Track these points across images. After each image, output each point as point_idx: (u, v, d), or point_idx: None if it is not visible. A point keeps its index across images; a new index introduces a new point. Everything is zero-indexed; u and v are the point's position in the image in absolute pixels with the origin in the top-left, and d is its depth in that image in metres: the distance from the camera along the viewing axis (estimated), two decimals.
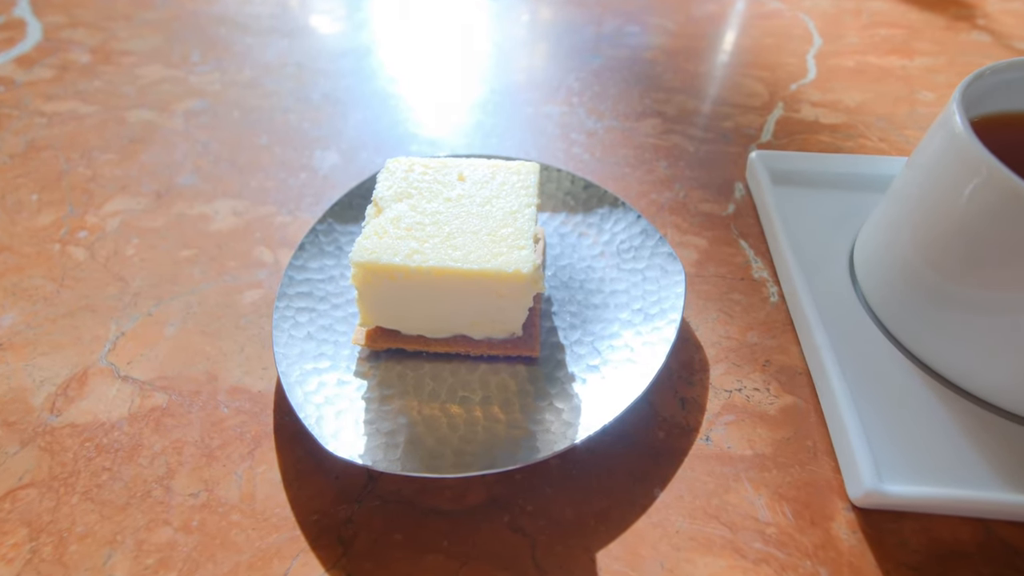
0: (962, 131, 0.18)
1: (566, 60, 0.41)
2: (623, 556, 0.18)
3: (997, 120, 0.20)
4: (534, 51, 0.42)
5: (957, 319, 0.20)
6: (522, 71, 0.40)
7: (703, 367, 0.22)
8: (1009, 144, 0.19)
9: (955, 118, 0.18)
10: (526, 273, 0.19)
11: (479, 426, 0.20)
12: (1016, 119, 0.20)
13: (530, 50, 0.43)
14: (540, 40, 0.44)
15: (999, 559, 0.17)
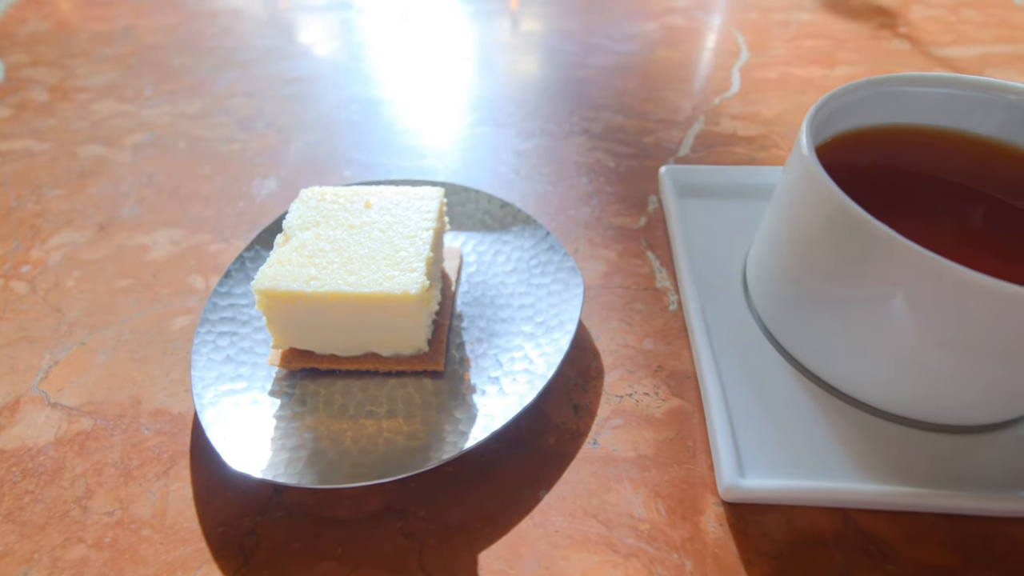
0: (807, 154, 0.19)
1: (502, 82, 0.43)
2: (504, 556, 0.19)
3: (848, 136, 0.21)
4: (472, 75, 0.44)
5: (821, 320, 0.21)
6: (459, 94, 0.42)
7: (598, 374, 0.24)
8: (851, 161, 0.21)
9: (802, 140, 0.20)
10: (414, 294, 0.21)
11: (381, 438, 0.22)
12: (862, 134, 0.21)
13: (468, 74, 0.44)
14: (477, 64, 0.46)
15: (853, 545, 0.19)
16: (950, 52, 0.43)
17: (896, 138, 0.22)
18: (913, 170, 0.21)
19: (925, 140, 0.22)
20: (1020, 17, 0.47)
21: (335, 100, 0.41)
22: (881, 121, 0.21)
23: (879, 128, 0.21)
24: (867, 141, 0.21)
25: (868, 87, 0.21)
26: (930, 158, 0.22)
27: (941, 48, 0.44)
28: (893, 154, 0.22)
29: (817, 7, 0.51)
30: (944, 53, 0.43)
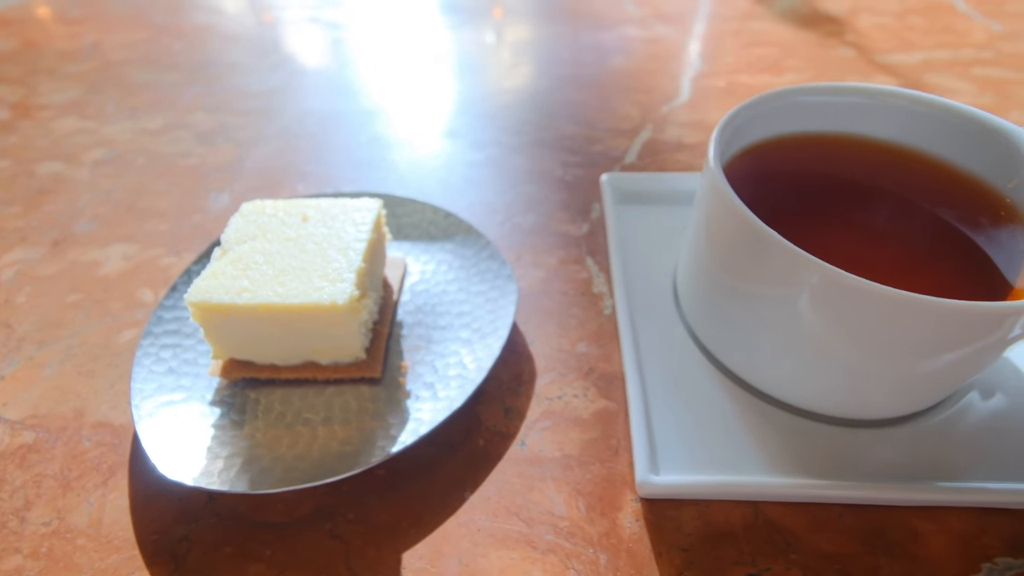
0: (713, 166, 0.20)
1: (459, 95, 0.44)
2: (427, 555, 0.20)
3: (758, 146, 0.22)
4: (430, 88, 0.45)
5: (735, 321, 0.22)
6: (416, 107, 0.43)
7: (531, 378, 0.25)
8: (760, 170, 0.22)
9: (709, 153, 0.21)
10: (342, 305, 0.21)
11: (315, 444, 0.22)
12: (771, 144, 0.22)
13: (426, 87, 0.45)
14: (435, 78, 0.47)
15: (761, 537, 0.20)
16: (893, 59, 0.45)
17: (804, 145, 0.23)
18: (819, 176, 0.22)
19: (830, 146, 0.23)
20: (963, 23, 0.49)
21: (295, 114, 0.42)
22: (789, 130, 0.22)
23: (787, 137, 0.23)
24: (776, 150, 0.22)
25: (773, 100, 0.22)
26: (835, 163, 0.23)
27: (884, 55, 0.45)
28: (801, 161, 0.23)
29: (769, 16, 0.52)
30: (887, 60, 0.44)
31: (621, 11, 0.55)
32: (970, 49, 0.45)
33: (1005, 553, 0.19)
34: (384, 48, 0.50)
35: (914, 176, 0.22)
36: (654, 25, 0.51)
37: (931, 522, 0.20)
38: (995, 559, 0.19)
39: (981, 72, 0.43)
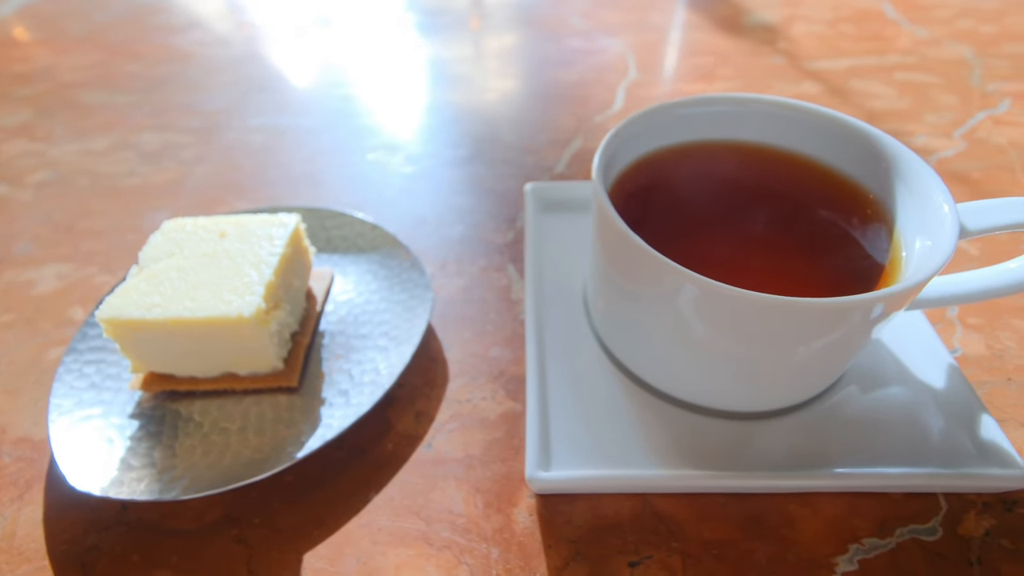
0: (595, 180, 0.21)
1: (400, 110, 0.45)
2: (327, 555, 0.20)
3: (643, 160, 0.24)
4: (372, 103, 0.46)
5: (628, 320, 0.23)
6: (358, 121, 0.44)
7: (443, 382, 0.26)
8: (644, 183, 0.23)
9: (593, 169, 0.22)
10: (248, 317, 0.22)
11: (228, 453, 0.23)
12: (655, 157, 0.24)
13: (368, 102, 0.46)
14: (378, 93, 0.48)
15: (647, 527, 0.21)
16: (820, 65, 0.46)
17: (686, 155, 0.24)
18: (702, 182, 0.24)
19: (710, 154, 0.24)
20: (892, 30, 0.51)
21: (241, 132, 0.43)
22: (672, 142, 0.24)
23: (670, 148, 0.24)
24: (660, 162, 0.24)
25: (654, 115, 0.23)
26: (716, 169, 0.24)
27: (814, 61, 0.47)
28: (684, 170, 0.24)
29: (709, 26, 0.54)
30: (815, 66, 0.46)
31: (566, 24, 0.56)
32: (895, 55, 0.47)
33: (872, 534, 0.20)
34: (328, 67, 0.52)
35: (788, 177, 0.24)
36: (597, 37, 0.53)
37: (806, 507, 0.21)
38: (862, 540, 0.20)
39: (903, 77, 0.44)
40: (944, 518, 0.21)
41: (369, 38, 0.56)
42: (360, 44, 0.55)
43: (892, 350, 0.25)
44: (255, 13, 0.63)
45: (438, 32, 0.57)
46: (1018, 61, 0.45)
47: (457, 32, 0.57)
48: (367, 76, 0.50)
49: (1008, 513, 0.21)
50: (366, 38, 0.56)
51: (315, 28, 0.59)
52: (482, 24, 0.58)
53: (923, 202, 0.21)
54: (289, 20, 0.61)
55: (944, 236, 0.19)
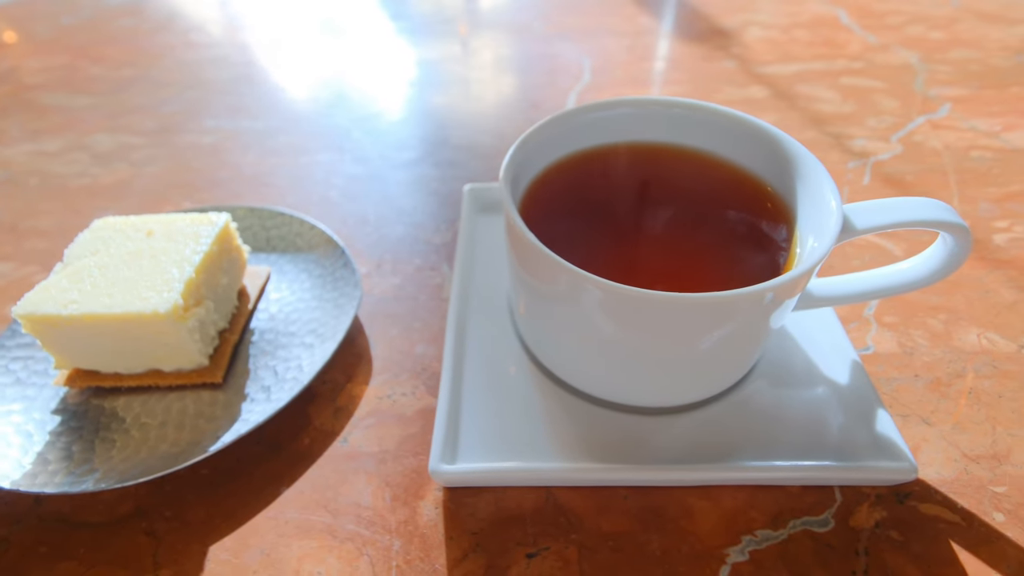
0: (501, 186, 0.21)
1: (352, 112, 0.46)
2: (232, 547, 0.21)
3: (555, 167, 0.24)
4: (324, 105, 0.47)
5: (540, 318, 0.23)
6: (309, 123, 0.44)
7: (366, 378, 0.26)
8: (554, 189, 0.24)
9: (501, 178, 0.22)
10: (163, 313, 0.23)
11: (145, 447, 0.23)
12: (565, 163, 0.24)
13: (320, 104, 0.47)
14: (330, 94, 0.48)
15: (547, 520, 0.21)
16: (770, 70, 0.47)
17: (596, 158, 0.24)
18: (611, 183, 0.24)
19: (618, 155, 0.25)
20: (843, 36, 0.52)
21: (194, 134, 0.43)
22: (581, 147, 0.24)
23: (580, 153, 0.24)
24: (570, 167, 0.24)
25: (560, 122, 0.23)
26: (625, 170, 0.25)
27: (763, 66, 0.48)
28: (595, 173, 0.24)
29: (667, 32, 0.55)
30: (764, 71, 0.47)
31: (527, 29, 0.57)
32: (843, 60, 0.48)
33: (766, 526, 0.21)
34: (286, 72, 0.52)
35: (696, 176, 0.24)
36: (556, 42, 0.54)
37: (706, 500, 0.21)
38: (756, 531, 0.21)
39: (849, 82, 0.45)
40: (837, 510, 0.21)
41: (326, 44, 0.57)
42: (317, 50, 0.56)
43: (802, 347, 0.25)
44: (220, 19, 0.63)
45: (396, 37, 0.57)
46: (962, 66, 0.46)
47: (416, 37, 0.57)
48: (322, 81, 0.50)
49: (900, 506, 0.21)
50: (323, 44, 0.57)
51: (276, 34, 0.59)
52: (438, 30, 0.58)
53: (817, 201, 0.21)
54: (253, 26, 0.61)
55: (826, 236, 0.19)
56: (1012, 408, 0.24)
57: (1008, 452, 0.23)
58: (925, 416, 0.24)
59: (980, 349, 0.26)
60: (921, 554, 0.20)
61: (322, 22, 0.61)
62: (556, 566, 0.20)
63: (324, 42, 0.57)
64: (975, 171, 0.36)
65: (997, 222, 0.33)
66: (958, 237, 0.21)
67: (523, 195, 0.23)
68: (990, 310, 0.28)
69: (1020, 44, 0.49)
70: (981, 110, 0.42)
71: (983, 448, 0.23)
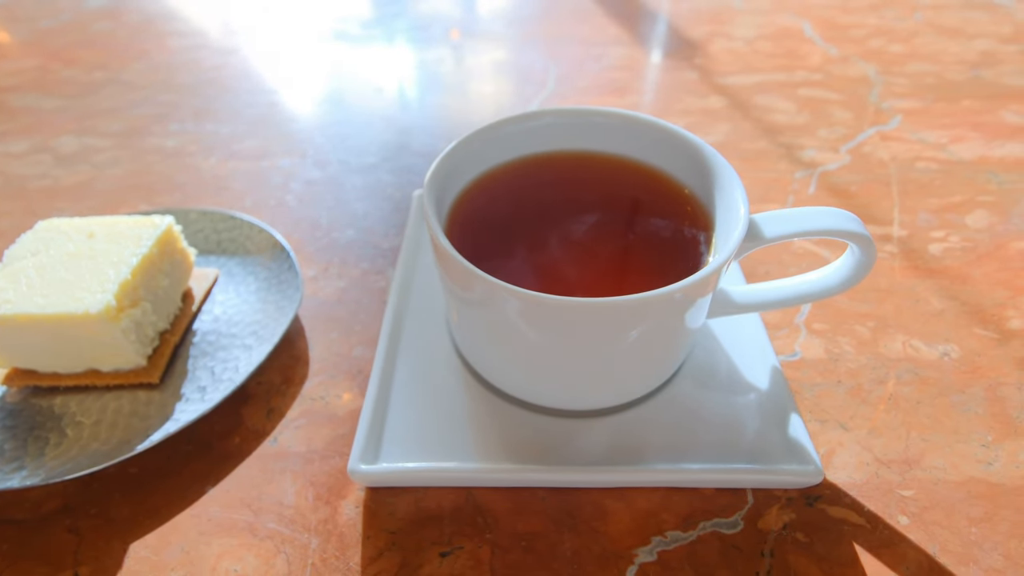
0: (426, 200, 0.22)
1: (314, 118, 0.46)
2: (154, 544, 0.21)
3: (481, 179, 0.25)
4: (288, 112, 0.47)
5: (468, 324, 0.24)
6: (271, 130, 0.45)
7: (301, 380, 0.26)
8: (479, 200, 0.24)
9: (423, 187, 0.22)
10: (95, 314, 0.23)
11: (77, 445, 0.24)
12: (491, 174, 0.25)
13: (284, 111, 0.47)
14: (298, 99, 0.49)
15: (465, 519, 0.21)
16: (731, 80, 0.48)
17: (521, 169, 0.25)
18: (536, 192, 0.25)
19: (544, 165, 0.25)
20: (806, 48, 0.53)
21: (159, 137, 0.44)
22: (509, 157, 0.25)
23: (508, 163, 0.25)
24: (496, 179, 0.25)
25: (485, 134, 0.24)
26: (550, 179, 0.25)
27: (725, 77, 0.49)
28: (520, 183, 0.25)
29: (632, 41, 0.56)
30: (725, 81, 0.48)
31: (496, 37, 0.58)
32: (803, 71, 0.49)
33: (676, 527, 0.21)
34: (254, 77, 0.53)
35: (620, 182, 0.25)
36: (524, 51, 0.54)
37: (621, 502, 0.22)
38: (666, 532, 0.21)
39: (806, 93, 0.46)
40: (747, 512, 0.22)
41: (293, 51, 0.57)
42: (285, 56, 0.56)
43: (727, 353, 0.26)
44: (194, 24, 0.64)
45: (362, 45, 0.58)
46: (917, 79, 0.47)
47: (378, 43, 0.58)
48: (289, 86, 0.51)
49: (809, 508, 0.22)
50: (291, 51, 0.57)
51: (245, 40, 0.60)
52: (408, 37, 0.59)
53: (731, 209, 0.22)
54: (227, 32, 0.62)
55: (731, 241, 0.20)
56: (928, 414, 0.25)
57: (920, 457, 0.23)
58: (843, 421, 0.25)
59: (904, 356, 0.27)
60: (824, 555, 0.20)
61: (293, 31, 0.61)
62: (468, 565, 0.20)
63: (293, 50, 0.57)
64: (918, 182, 0.37)
65: (934, 232, 0.33)
66: (863, 247, 0.21)
67: (449, 207, 0.24)
68: (918, 318, 0.29)
69: (976, 58, 0.50)
70: (931, 122, 0.42)
71: (896, 453, 0.23)
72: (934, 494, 0.22)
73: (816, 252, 0.32)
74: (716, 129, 0.42)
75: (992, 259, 0.31)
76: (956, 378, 0.26)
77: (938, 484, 0.22)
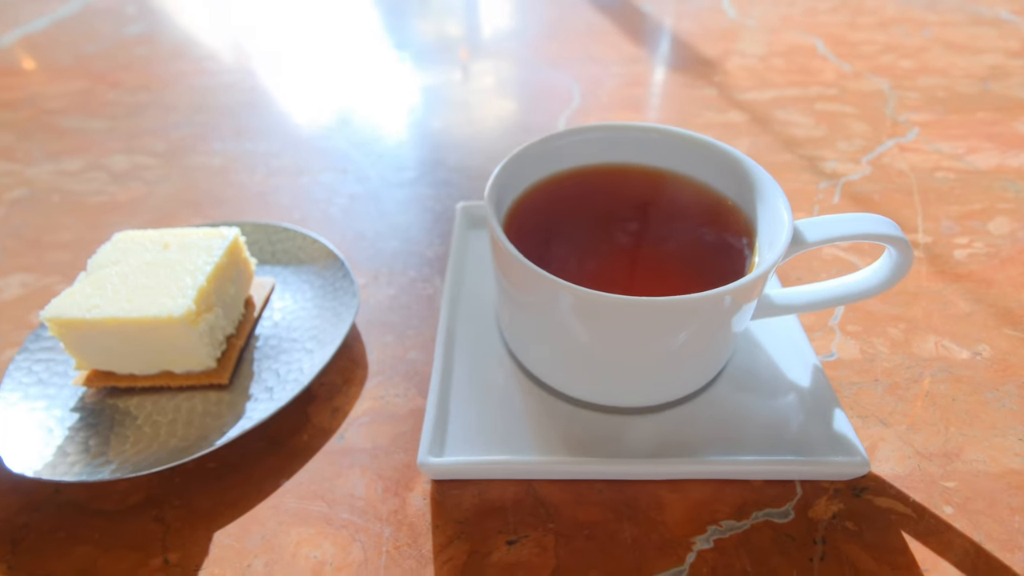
0: (488, 204, 0.24)
1: (354, 135, 0.48)
2: (235, 533, 0.22)
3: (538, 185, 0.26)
4: (328, 128, 0.50)
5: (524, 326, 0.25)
6: (312, 146, 0.47)
7: (362, 381, 0.28)
8: (536, 204, 0.26)
9: (486, 196, 0.24)
10: (178, 317, 0.25)
11: (156, 442, 0.25)
12: (548, 182, 0.27)
13: (324, 128, 0.50)
14: (333, 118, 0.51)
15: (527, 510, 0.23)
16: (749, 96, 0.50)
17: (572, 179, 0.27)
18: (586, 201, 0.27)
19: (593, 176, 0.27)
20: (819, 64, 0.55)
21: (203, 156, 0.46)
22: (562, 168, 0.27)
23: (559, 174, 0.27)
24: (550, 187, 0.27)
25: (540, 146, 0.26)
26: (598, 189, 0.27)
27: (743, 92, 0.50)
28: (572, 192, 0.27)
29: (648, 59, 0.58)
30: (744, 97, 0.50)
31: (517, 56, 0.60)
32: (818, 87, 0.51)
33: (730, 517, 0.22)
34: (288, 97, 0.55)
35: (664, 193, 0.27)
36: (546, 69, 0.57)
37: (676, 493, 0.23)
38: (720, 522, 0.22)
39: (822, 107, 0.48)
40: (797, 503, 0.23)
41: (326, 71, 0.60)
42: (318, 76, 0.59)
43: (768, 353, 0.27)
44: (228, 48, 0.67)
45: (391, 65, 0.61)
46: (929, 92, 0.49)
47: (414, 65, 0.60)
48: (324, 105, 0.53)
49: (856, 499, 0.23)
50: (323, 71, 0.60)
51: (279, 62, 0.62)
52: (436, 57, 0.62)
53: (772, 217, 0.23)
54: (260, 54, 0.65)
55: (777, 246, 0.21)
56: (964, 410, 0.26)
57: (959, 450, 0.24)
58: (883, 417, 0.26)
59: (937, 356, 0.28)
60: (874, 543, 0.22)
61: (326, 51, 0.64)
62: (534, 552, 0.21)
63: (327, 70, 0.60)
64: (938, 191, 0.38)
65: (958, 239, 0.35)
66: (900, 249, 0.23)
67: (506, 212, 0.26)
68: (948, 320, 0.30)
69: (985, 72, 0.52)
70: (947, 134, 0.44)
71: (936, 447, 0.24)
72: (975, 485, 0.23)
73: (845, 259, 0.34)
74: (737, 143, 0.44)
75: (1016, 263, 0.33)
76: (989, 376, 0.27)
77: (979, 476, 0.23)
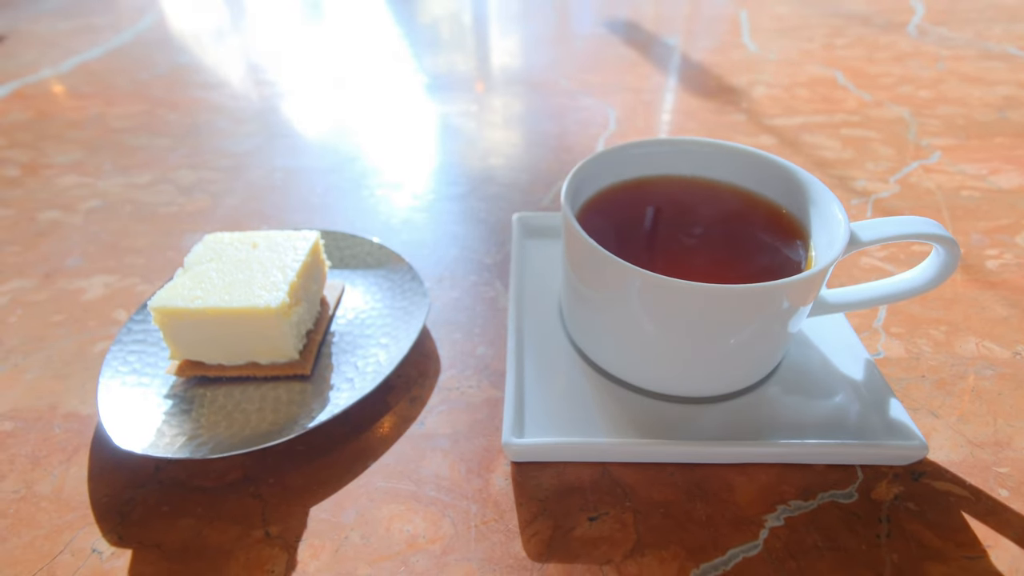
0: (563, 202, 0.26)
1: (407, 154, 0.51)
2: (330, 508, 0.24)
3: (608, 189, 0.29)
4: (383, 148, 0.53)
5: (592, 319, 0.27)
6: (369, 164, 0.50)
7: (435, 373, 0.30)
8: (607, 206, 0.28)
9: (563, 195, 0.26)
10: (274, 308, 0.27)
11: (248, 426, 0.27)
12: (616, 187, 0.29)
13: (379, 147, 0.53)
14: (387, 138, 0.54)
15: (604, 489, 0.24)
16: (777, 122, 0.53)
17: (639, 185, 0.29)
18: (652, 205, 0.29)
19: (658, 184, 0.29)
20: (841, 94, 0.58)
21: (264, 170, 0.49)
22: (628, 176, 0.29)
23: (627, 181, 0.29)
24: (618, 191, 0.29)
25: (611, 154, 0.28)
26: (663, 196, 0.29)
27: (771, 119, 0.53)
28: (638, 196, 0.29)
29: (680, 88, 0.61)
30: (772, 123, 0.53)
31: (555, 85, 0.64)
32: (842, 114, 0.54)
33: (797, 497, 0.24)
34: (341, 119, 0.59)
35: (721, 202, 0.29)
36: (581, 97, 0.60)
37: (743, 476, 0.24)
38: (789, 502, 0.23)
39: (847, 132, 0.51)
40: (860, 485, 0.24)
41: (380, 94, 0.64)
42: (370, 99, 0.62)
43: (820, 351, 0.29)
44: (276, 74, 0.71)
45: (442, 91, 0.64)
46: (949, 120, 0.52)
47: (459, 91, 0.64)
48: (376, 126, 0.57)
49: (915, 482, 0.24)
50: (377, 94, 0.64)
51: (331, 86, 0.66)
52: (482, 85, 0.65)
53: (827, 220, 0.26)
54: (306, 80, 0.69)
55: (836, 243, 0.23)
56: (1010, 404, 0.27)
57: (1009, 440, 0.26)
58: (933, 410, 0.27)
59: (979, 355, 0.30)
60: (936, 522, 0.23)
61: (377, 76, 0.68)
62: (615, 527, 0.23)
63: (378, 93, 0.64)
64: (966, 207, 0.41)
65: (988, 250, 0.37)
66: (947, 248, 0.25)
67: (577, 212, 0.28)
68: (986, 323, 0.32)
69: (1000, 102, 0.55)
70: (969, 157, 0.46)
71: (986, 436, 0.26)
72: None
73: (882, 268, 0.36)
74: None
75: None
76: None
77: None
